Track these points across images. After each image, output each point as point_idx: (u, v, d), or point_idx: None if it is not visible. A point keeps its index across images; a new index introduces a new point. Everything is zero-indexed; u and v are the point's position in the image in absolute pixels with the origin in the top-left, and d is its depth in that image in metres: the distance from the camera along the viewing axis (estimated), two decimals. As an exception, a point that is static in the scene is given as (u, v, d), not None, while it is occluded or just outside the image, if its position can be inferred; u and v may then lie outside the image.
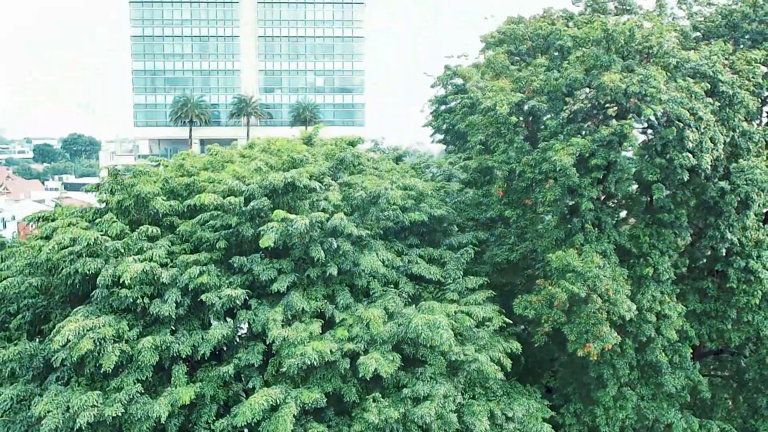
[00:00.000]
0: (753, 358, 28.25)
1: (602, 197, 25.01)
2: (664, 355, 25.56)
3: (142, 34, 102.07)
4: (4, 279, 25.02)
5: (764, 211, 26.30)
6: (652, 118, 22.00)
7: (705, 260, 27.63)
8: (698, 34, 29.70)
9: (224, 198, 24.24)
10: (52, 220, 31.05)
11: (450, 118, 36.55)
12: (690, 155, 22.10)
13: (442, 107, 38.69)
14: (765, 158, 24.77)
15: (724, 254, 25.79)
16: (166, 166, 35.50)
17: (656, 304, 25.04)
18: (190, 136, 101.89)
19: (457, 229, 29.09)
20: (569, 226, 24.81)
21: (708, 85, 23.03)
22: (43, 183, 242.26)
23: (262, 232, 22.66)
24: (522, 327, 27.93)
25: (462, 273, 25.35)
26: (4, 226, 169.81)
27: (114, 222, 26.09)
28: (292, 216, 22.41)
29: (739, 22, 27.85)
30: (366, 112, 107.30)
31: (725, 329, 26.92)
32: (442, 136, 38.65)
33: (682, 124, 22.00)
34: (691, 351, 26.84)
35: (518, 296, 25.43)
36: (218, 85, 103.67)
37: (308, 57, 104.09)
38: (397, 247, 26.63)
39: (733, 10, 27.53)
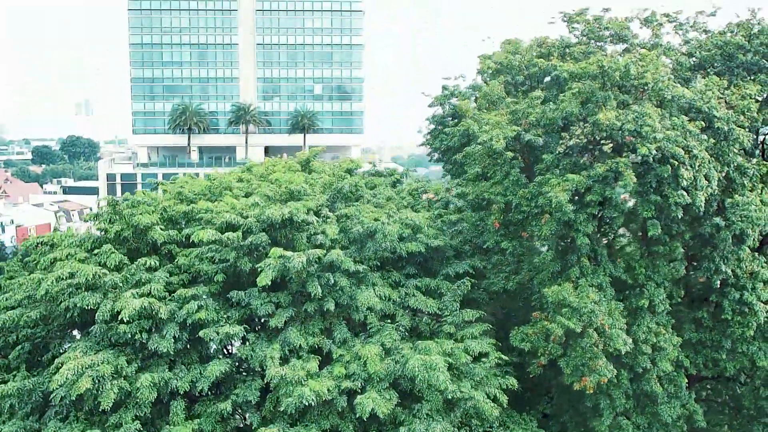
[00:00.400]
0: (748, 387, 28.43)
1: (598, 230, 25.18)
2: (659, 385, 25.72)
3: (140, 42, 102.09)
4: (4, 311, 25.20)
5: (758, 242, 26.43)
6: (647, 154, 22.12)
7: (700, 289, 27.77)
8: (693, 59, 29.89)
9: (222, 233, 24.39)
10: (51, 245, 31.29)
11: (447, 140, 36.70)
12: (684, 193, 22.26)
13: (440, 126, 38.99)
14: (759, 192, 24.93)
15: (718, 285, 25.97)
16: (165, 190, 35.69)
17: (651, 336, 25.20)
18: (189, 144, 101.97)
19: (454, 253, 29.23)
20: (565, 259, 24.97)
21: (703, 122, 23.20)
22: (41, 186, 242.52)
23: (259, 269, 22.81)
24: (518, 353, 28.11)
25: (459, 305, 25.49)
26: (3, 231, 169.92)
27: (112, 253, 26.25)
28: (289, 253, 22.55)
29: (735, 53, 28.00)
30: (364, 119, 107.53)
31: (720, 359, 27.09)
32: (439, 155, 38.89)
33: (677, 162, 22.16)
34: (687, 379, 27.04)
35: (515, 327, 25.60)
36: (217, 93, 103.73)
37: (307, 65, 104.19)
38: (394, 277, 26.79)
39: (728, 41, 27.68)
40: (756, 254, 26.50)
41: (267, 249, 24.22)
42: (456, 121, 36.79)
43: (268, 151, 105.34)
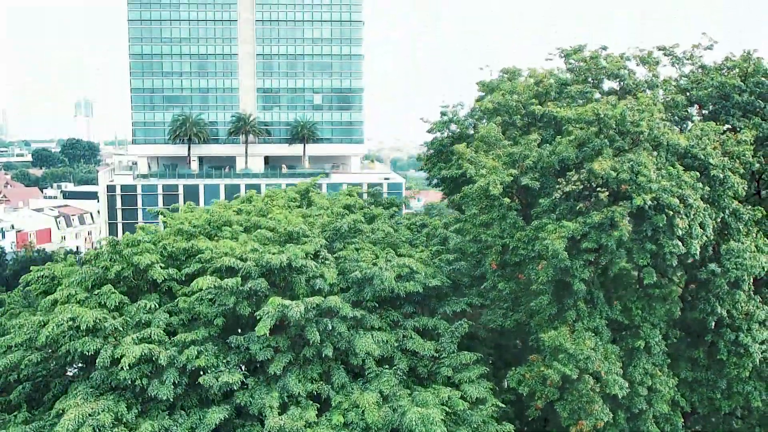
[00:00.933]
0: (743, 425, 28.63)
1: (594, 274, 25.36)
2: (655, 426, 25.94)
3: (141, 53, 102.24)
4: (6, 354, 25.39)
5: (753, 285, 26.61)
6: (643, 204, 22.31)
7: (696, 329, 27.94)
8: (690, 96, 30.09)
9: (222, 277, 24.60)
10: (52, 279, 31.49)
11: (446, 167, 36.93)
12: (680, 243, 22.47)
13: (439, 152, 39.20)
14: (755, 237, 25.13)
15: (714, 326, 26.17)
16: (165, 222, 35.89)
17: (647, 378, 25.41)
18: (189, 154, 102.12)
19: (452, 289, 29.41)
20: (562, 302, 25.17)
21: (698, 173, 23.41)
22: (41, 190, 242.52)
23: (258, 317, 23.03)
24: (515, 391, 28.29)
25: (456, 346, 25.70)
26: (3, 236, 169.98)
27: (113, 293, 26.48)
28: (288, 302, 22.75)
29: (731, 92, 28.21)
30: (364, 129, 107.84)
31: (715, 398, 27.31)
32: (438, 180, 39.14)
33: (672, 212, 22.36)
34: (682, 417, 27.25)
35: (512, 368, 25.83)
36: (216, 103, 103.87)
37: (306, 75, 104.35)
38: (392, 316, 26.99)
39: (725, 82, 27.90)
40: (751, 294, 26.71)
41: (266, 293, 24.45)
42: (454, 144, 37.03)
43: (268, 161, 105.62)
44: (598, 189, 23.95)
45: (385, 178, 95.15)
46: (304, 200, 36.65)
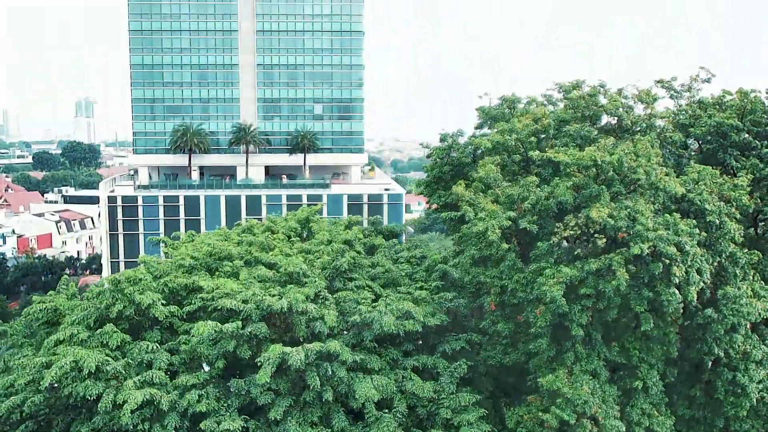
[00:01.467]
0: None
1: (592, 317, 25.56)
2: (653, 465, 26.14)
3: (141, 63, 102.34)
4: (8, 396, 25.62)
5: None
6: (640, 253, 22.49)
7: (693, 367, 28.17)
8: (688, 135, 30.28)
9: (222, 321, 24.83)
10: (55, 311, 31.72)
11: (445, 196, 37.18)
12: (677, 291, 22.67)
13: (439, 179, 39.44)
14: (752, 281, 25.32)
15: (711, 365, 26.39)
16: (166, 252, 36.12)
17: (645, 419, 25.65)
18: (190, 164, 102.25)
19: (452, 324, 29.62)
20: (560, 344, 25.39)
21: (695, 219, 23.60)
22: (42, 194, 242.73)
23: (259, 363, 23.25)
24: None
25: (455, 387, 25.93)
26: (4, 242, 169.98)
27: (115, 332, 26.73)
28: (288, 349, 22.99)
29: (728, 132, 28.41)
30: (364, 137, 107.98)
31: (713, 436, 27.53)
32: (439, 206, 39.38)
33: (668, 260, 22.55)
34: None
35: (511, 408, 26.06)
36: (217, 113, 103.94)
37: (307, 85, 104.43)
38: (392, 354, 27.23)
39: (723, 122, 28.09)
40: (748, 333, 26.92)
41: (266, 336, 24.69)
42: (454, 171, 37.30)
43: (268, 170, 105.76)
44: (596, 235, 24.13)
45: (386, 189, 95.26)
46: (305, 229, 36.85)
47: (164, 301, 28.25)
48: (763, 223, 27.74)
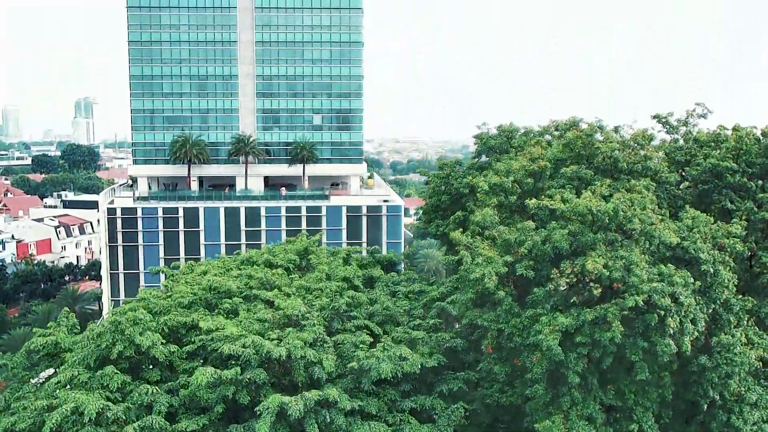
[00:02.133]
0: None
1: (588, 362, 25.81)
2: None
3: (141, 73, 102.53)
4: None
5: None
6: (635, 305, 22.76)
7: (689, 409, 28.43)
8: (682, 171, 30.54)
9: (221, 368, 25.07)
10: (55, 345, 31.95)
11: (443, 226, 37.45)
12: (671, 342, 22.93)
13: (437, 208, 39.71)
14: (746, 327, 25.59)
15: (706, 408, 26.65)
16: (165, 285, 36.35)
17: (641, 461, 25.90)
18: (189, 175, 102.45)
19: (449, 362, 29.85)
20: (556, 388, 25.64)
21: (690, 267, 23.85)
22: (42, 198, 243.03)
23: (258, 412, 23.51)
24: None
25: (452, 429, 26.19)
26: (3, 248, 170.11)
27: (115, 374, 26.97)
28: (287, 398, 23.24)
29: (724, 173, 28.66)
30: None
31: (708, 478, 27.77)
32: (439, 235, 39.69)
33: (663, 312, 22.82)
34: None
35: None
36: (217, 123, 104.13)
37: (306, 95, 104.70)
38: (390, 395, 27.48)
39: (718, 164, 28.35)
40: (742, 375, 27.17)
41: (265, 381, 24.94)
42: (452, 200, 37.56)
43: (267, 181, 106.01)
44: (591, 283, 24.40)
45: (385, 200, 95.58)
46: (304, 260, 37.10)
47: (164, 340, 28.49)
48: (758, 267, 28.00)
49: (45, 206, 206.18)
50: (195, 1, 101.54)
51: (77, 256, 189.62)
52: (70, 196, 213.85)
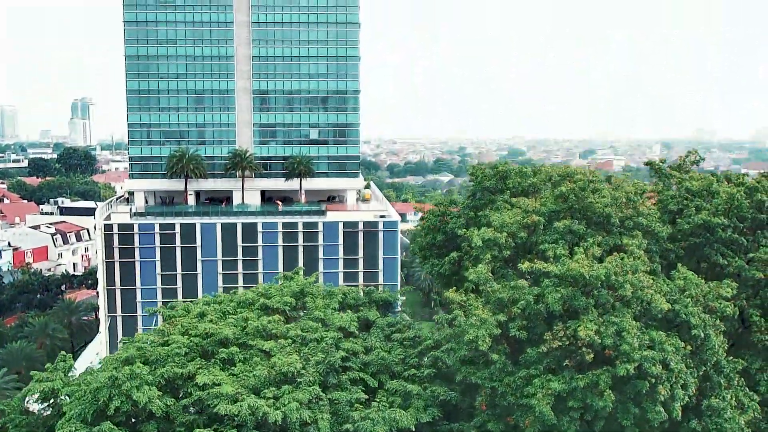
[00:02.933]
0: None
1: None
2: None
3: (137, 88, 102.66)
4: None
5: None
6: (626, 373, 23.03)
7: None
8: (674, 224, 30.85)
9: (218, 427, 25.31)
10: (51, 390, 32.14)
11: (438, 266, 37.72)
12: (662, 409, 23.22)
13: (432, 246, 39.97)
14: (736, 389, 25.88)
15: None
16: (162, 329, 36.55)
17: None
18: (186, 190, 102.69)
19: (443, 410, 30.14)
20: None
21: (680, 338, 24.15)
22: (38, 203, 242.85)
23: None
24: None
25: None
26: (0, 256, 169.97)
27: (112, 430, 27.21)
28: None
29: (715, 228, 28.97)
30: (360, 164, 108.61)
31: None
32: (434, 274, 40.00)
33: (654, 379, 23.11)
34: None
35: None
36: (213, 138, 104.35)
37: (303, 110, 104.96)
38: (384, 449, 27.72)
39: (710, 220, 28.64)
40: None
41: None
42: (447, 238, 37.83)
43: (264, 194, 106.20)
44: (583, 348, 24.68)
45: (381, 216, 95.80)
46: (299, 300, 37.34)
47: (160, 393, 28.72)
48: (749, 325, 28.32)
49: (42, 213, 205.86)
50: (192, 15, 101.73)
51: (74, 264, 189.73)
52: (67, 202, 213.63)
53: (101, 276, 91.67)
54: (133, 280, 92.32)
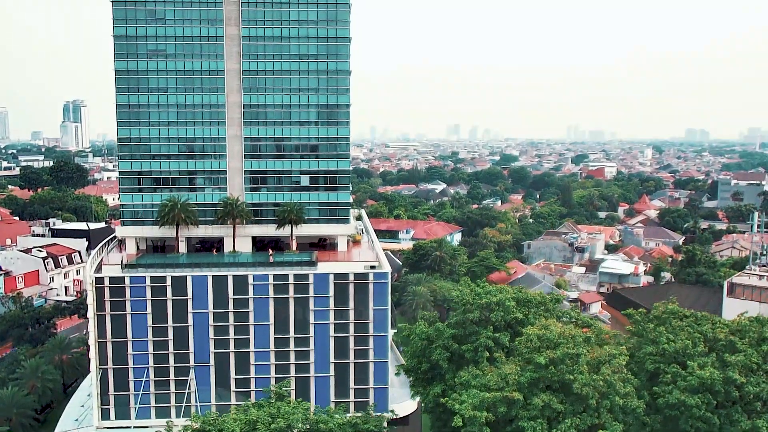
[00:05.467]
0: None
1: None
2: None
3: (128, 135, 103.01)
4: None
5: None
6: None
7: None
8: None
9: None
10: None
11: (424, 395, 38.39)
12: None
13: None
14: None
15: None
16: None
17: None
18: (177, 237, 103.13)
19: None
20: None
21: None
22: (30, 219, 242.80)
23: None
24: None
25: None
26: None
27: None
28: None
29: (690, 405, 29.66)
30: (350, 211, 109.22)
31: None
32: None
33: None
34: None
35: None
36: (204, 185, 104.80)
37: (294, 156, 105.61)
38: None
39: (685, 400, 29.36)
40: None
41: None
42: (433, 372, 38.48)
43: (255, 241, 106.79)
44: None
45: (372, 267, 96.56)
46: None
47: None
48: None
49: (33, 234, 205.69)
50: (183, 64, 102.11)
51: (65, 287, 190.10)
52: (59, 223, 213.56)
53: (92, 329, 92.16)
54: (124, 333, 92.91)
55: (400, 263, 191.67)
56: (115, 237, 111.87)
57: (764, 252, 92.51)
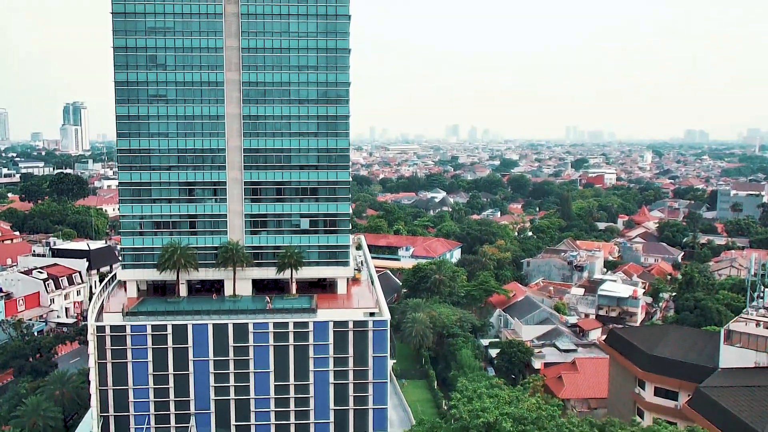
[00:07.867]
0: None
1: None
2: None
3: (129, 180, 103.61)
4: None
5: None
6: None
7: None
8: None
9: None
10: None
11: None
12: None
13: None
14: None
15: None
16: None
17: None
18: (178, 282, 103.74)
19: None
20: None
21: None
22: (30, 233, 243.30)
23: None
24: None
25: None
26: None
27: None
28: None
29: None
30: (350, 252, 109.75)
31: None
32: None
33: None
34: None
35: None
36: (205, 228, 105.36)
37: (294, 200, 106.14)
38: None
39: None
40: None
41: None
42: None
43: (255, 283, 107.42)
44: None
45: (371, 314, 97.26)
46: None
47: None
48: None
49: (33, 254, 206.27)
50: (183, 109, 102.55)
51: (65, 308, 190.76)
52: (59, 243, 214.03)
53: (93, 377, 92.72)
54: (125, 381, 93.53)
55: (400, 283, 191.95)
56: (115, 277, 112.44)
57: (761, 294, 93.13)
